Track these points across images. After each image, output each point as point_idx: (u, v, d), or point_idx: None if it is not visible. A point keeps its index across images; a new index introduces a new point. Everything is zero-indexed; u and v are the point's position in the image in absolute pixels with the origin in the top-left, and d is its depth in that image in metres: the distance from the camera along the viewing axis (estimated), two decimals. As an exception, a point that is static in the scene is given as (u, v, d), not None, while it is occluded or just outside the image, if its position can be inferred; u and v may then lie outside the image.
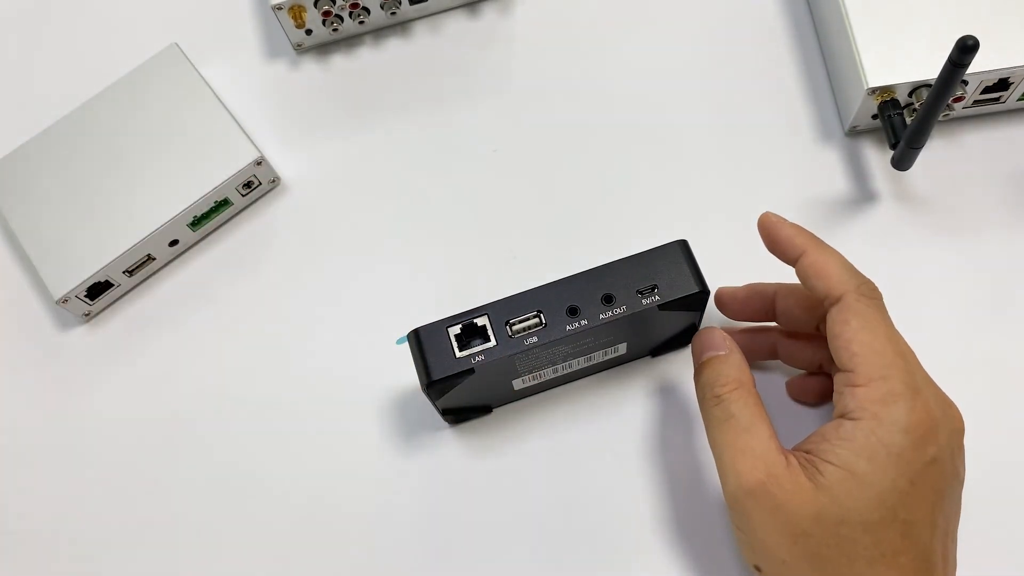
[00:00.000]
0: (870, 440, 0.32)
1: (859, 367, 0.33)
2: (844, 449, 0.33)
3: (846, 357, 0.34)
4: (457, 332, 0.37)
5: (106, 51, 0.54)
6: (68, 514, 0.45)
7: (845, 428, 0.33)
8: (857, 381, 0.33)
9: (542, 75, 0.52)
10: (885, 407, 0.32)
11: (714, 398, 0.36)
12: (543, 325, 0.37)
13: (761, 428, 0.35)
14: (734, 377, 0.36)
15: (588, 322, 0.37)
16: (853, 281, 0.35)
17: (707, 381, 0.37)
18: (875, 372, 0.33)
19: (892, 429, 0.32)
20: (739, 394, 0.36)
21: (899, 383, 0.33)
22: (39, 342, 0.48)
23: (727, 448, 0.35)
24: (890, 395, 0.32)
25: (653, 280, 0.38)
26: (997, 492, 0.41)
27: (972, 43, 0.35)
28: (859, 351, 0.33)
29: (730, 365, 0.37)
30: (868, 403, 0.33)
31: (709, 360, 0.38)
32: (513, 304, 0.38)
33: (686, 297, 0.38)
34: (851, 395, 0.33)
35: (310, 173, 0.50)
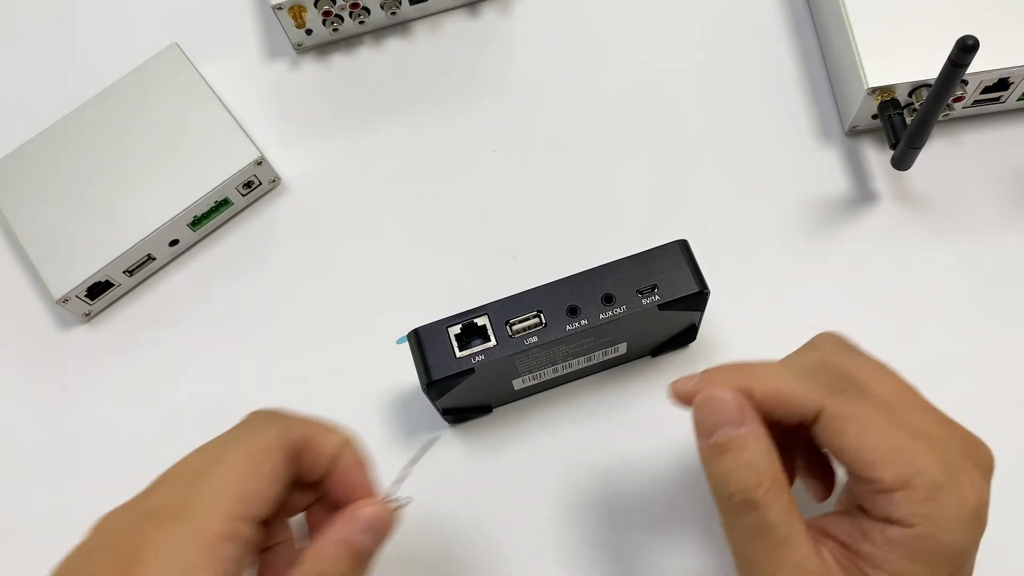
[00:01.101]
0: (928, 544, 0.28)
1: (885, 473, 0.28)
2: (898, 555, 0.28)
3: (864, 468, 0.29)
4: (457, 332, 0.38)
5: (106, 51, 0.54)
6: (67, 514, 0.45)
7: (895, 533, 0.28)
8: (890, 487, 0.28)
9: (542, 75, 0.52)
10: (935, 505, 0.28)
11: (746, 503, 0.29)
12: (543, 325, 0.37)
13: (800, 534, 0.29)
14: (766, 469, 0.29)
15: (588, 322, 0.37)
16: (818, 386, 0.30)
17: (730, 477, 0.29)
18: (905, 471, 0.28)
19: (951, 527, 0.28)
20: (776, 494, 0.29)
21: (936, 469, 0.28)
22: (39, 342, 0.48)
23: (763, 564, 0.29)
24: (935, 490, 0.28)
25: (653, 280, 0.38)
26: (998, 492, 0.41)
27: (972, 43, 0.35)
28: (875, 457, 0.28)
29: (759, 452, 0.29)
30: (915, 506, 0.28)
31: (728, 444, 0.29)
32: (513, 304, 0.38)
33: (686, 297, 0.38)
34: (890, 501, 0.28)
35: (310, 173, 0.50)
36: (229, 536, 0.26)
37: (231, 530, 0.26)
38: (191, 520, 0.26)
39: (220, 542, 0.26)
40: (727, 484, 0.29)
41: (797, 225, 0.47)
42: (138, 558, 0.25)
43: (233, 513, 0.26)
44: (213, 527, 0.26)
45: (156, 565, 0.25)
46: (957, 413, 0.43)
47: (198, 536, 0.25)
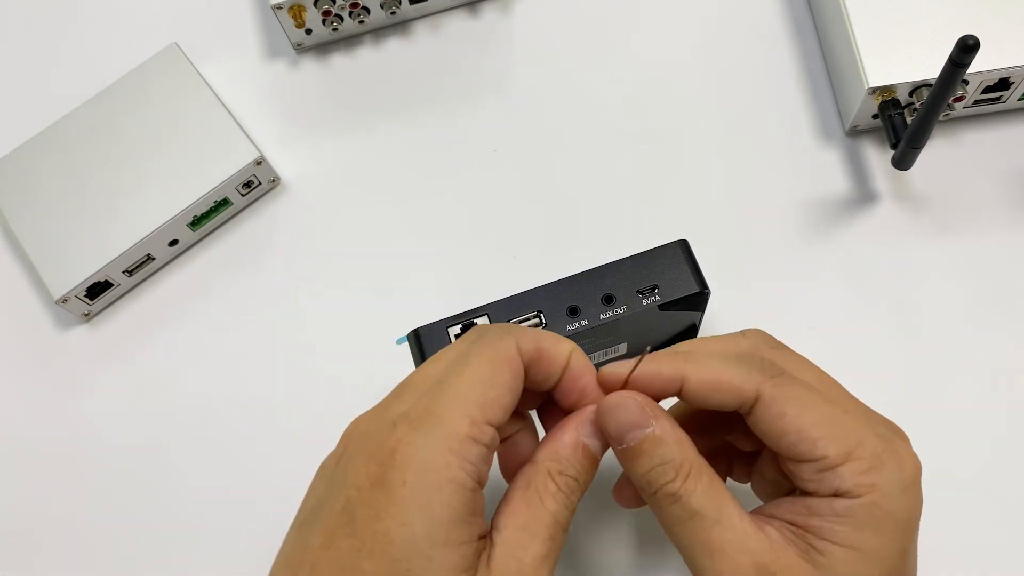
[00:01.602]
0: (875, 513, 0.28)
1: (829, 449, 0.29)
2: (846, 526, 0.28)
3: (808, 447, 0.29)
4: (457, 332, 0.37)
5: (106, 51, 0.53)
6: (67, 513, 0.45)
7: (842, 505, 0.29)
8: (834, 461, 0.29)
9: (542, 75, 0.52)
10: (879, 474, 0.29)
11: (668, 497, 0.29)
12: (543, 325, 0.37)
13: (732, 512, 0.29)
14: (681, 460, 0.29)
15: (588, 322, 0.37)
16: (755, 371, 0.30)
17: (648, 478, 0.30)
18: (848, 443, 0.29)
19: (895, 493, 0.29)
20: (695, 480, 0.29)
21: (873, 440, 0.29)
22: (39, 342, 0.48)
23: (699, 549, 0.29)
24: (876, 459, 0.29)
25: (653, 280, 0.38)
26: (997, 492, 0.41)
27: (973, 43, 0.35)
28: (818, 434, 0.29)
29: (669, 446, 0.30)
30: (859, 476, 0.28)
31: (639, 446, 0.30)
32: (513, 304, 0.38)
33: (687, 297, 0.38)
34: (836, 475, 0.29)
35: (310, 173, 0.50)
36: (474, 438, 0.28)
37: (475, 433, 0.28)
38: (440, 424, 0.28)
39: (466, 443, 0.28)
40: (648, 484, 0.30)
41: (797, 225, 0.47)
42: (396, 456, 0.27)
43: (476, 417, 0.28)
44: (460, 430, 0.27)
45: (412, 463, 0.27)
46: (957, 412, 0.43)
47: (447, 439, 0.27)
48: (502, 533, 0.29)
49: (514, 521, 0.29)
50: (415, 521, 0.26)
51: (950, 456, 0.42)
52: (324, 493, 0.29)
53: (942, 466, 0.41)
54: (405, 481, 0.27)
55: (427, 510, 0.27)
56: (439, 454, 0.27)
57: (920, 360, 0.44)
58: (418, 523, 0.26)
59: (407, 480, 0.27)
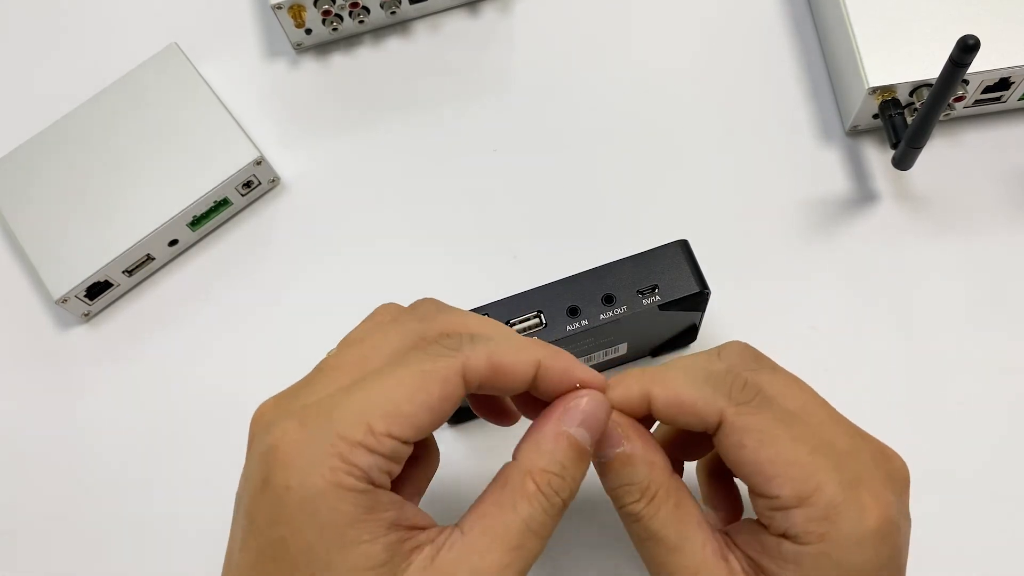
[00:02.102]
0: (822, 563, 0.27)
1: (782, 489, 0.28)
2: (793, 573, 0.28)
3: (762, 483, 0.28)
4: None
5: (106, 51, 0.53)
6: (67, 513, 0.45)
7: (789, 550, 0.28)
8: (787, 503, 0.28)
9: (542, 75, 0.52)
10: (831, 524, 0.27)
11: (629, 516, 0.30)
12: (543, 325, 0.37)
13: (693, 540, 0.29)
14: (647, 483, 0.29)
15: (588, 322, 0.37)
16: (720, 394, 0.29)
17: (616, 493, 0.30)
18: (803, 488, 0.27)
19: (848, 546, 0.27)
20: (657, 505, 0.29)
21: (834, 486, 0.27)
22: (39, 342, 0.48)
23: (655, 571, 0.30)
24: (831, 508, 0.27)
25: (654, 280, 0.38)
26: (997, 492, 0.41)
27: (973, 42, 0.35)
28: (774, 472, 0.28)
29: (637, 468, 0.29)
30: (810, 524, 0.27)
31: (608, 464, 0.30)
32: (513, 304, 0.38)
33: (687, 297, 0.38)
34: (786, 518, 0.28)
35: (309, 173, 0.50)
36: (367, 447, 0.26)
37: (370, 442, 0.26)
38: (330, 426, 0.26)
39: (356, 450, 0.26)
40: (615, 499, 0.30)
41: (798, 225, 0.47)
42: (278, 455, 0.26)
43: (377, 428, 0.26)
44: (352, 436, 0.26)
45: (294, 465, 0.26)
46: (957, 412, 0.43)
47: (334, 443, 0.26)
48: (465, 535, 0.27)
49: (479, 523, 0.27)
50: (305, 528, 0.25)
51: (950, 456, 0.42)
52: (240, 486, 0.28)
53: (941, 466, 0.41)
54: (289, 486, 0.26)
55: (314, 516, 0.25)
56: (322, 458, 0.25)
57: (920, 360, 0.44)
58: (308, 530, 0.25)
59: (291, 485, 0.25)
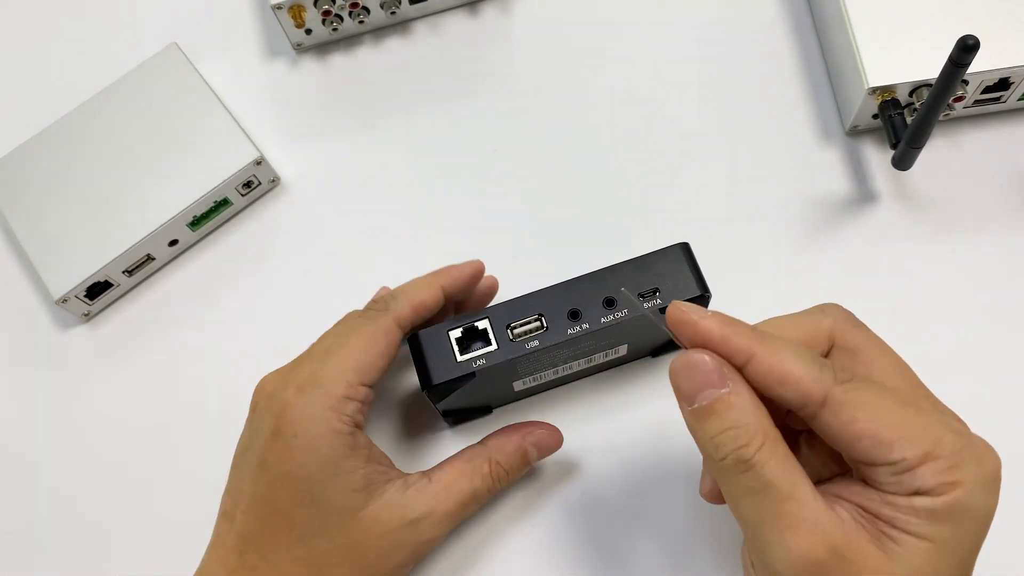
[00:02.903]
0: (955, 509, 0.28)
1: (907, 451, 0.28)
2: (924, 520, 0.28)
3: (884, 451, 0.28)
4: (458, 335, 0.37)
5: (106, 51, 0.53)
6: (66, 514, 0.45)
7: (921, 504, 0.28)
8: (913, 463, 0.28)
9: (542, 75, 0.52)
10: (960, 471, 0.28)
11: (739, 464, 0.28)
12: (544, 328, 0.37)
13: (805, 488, 0.28)
14: (756, 427, 0.28)
15: (589, 325, 0.37)
16: (827, 374, 0.29)
17: (719, 440, 0.28)
18: (925, 444, 0.28)
19: (977, 489, 0.28)
20: (769, 451, 0.28)
21: (952, 437, 0.28)
22: (39, 342, 0.48)
23: (768, 524, 0.28)
24: (956, 457, 0.28)
25: (655, 283, 0.38)
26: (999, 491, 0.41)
27: (972, 43, 0.35)
28: (893, 437, 0.28)
29: (745, 410, 0.28)
30: (940, 476, 0.28)
31: (712, 406, 0.29)
32: (513, 307, 0.38)
33: (687, 300, 0.38)
34: (915, 477, 0.28)
35: (310, 173, 0.50)
36: (349, 396, 0.36)
37: (350, 392, 0.36)
38: (321, 388, 0.36)
39: (342, 401, 0.36)
40: (717, 448, 0.29)
41: (798, 225, 0.47)
42: (287, 414, 0.36)
43: (352, 380, 0.36)
44: (337, 391, 0.36)
45: (300, 419, 0.35)
46: (959, 414, 0.43)
47: (326, 398, 0.36)
48: (431, 483, 0.37)
49: (445, 478, 0.38)
50: (309, 462, 0.35)
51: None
52: (247, 440, 0.38)
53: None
54: (296, 434, 0.35)
55: (316, 453, 0.35)
56: (319, 411, 0.35)
57: (919, 360, 0.44)
58: (311, 463, 0.35)
59: (297, 433, 0.35)
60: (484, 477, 0.38)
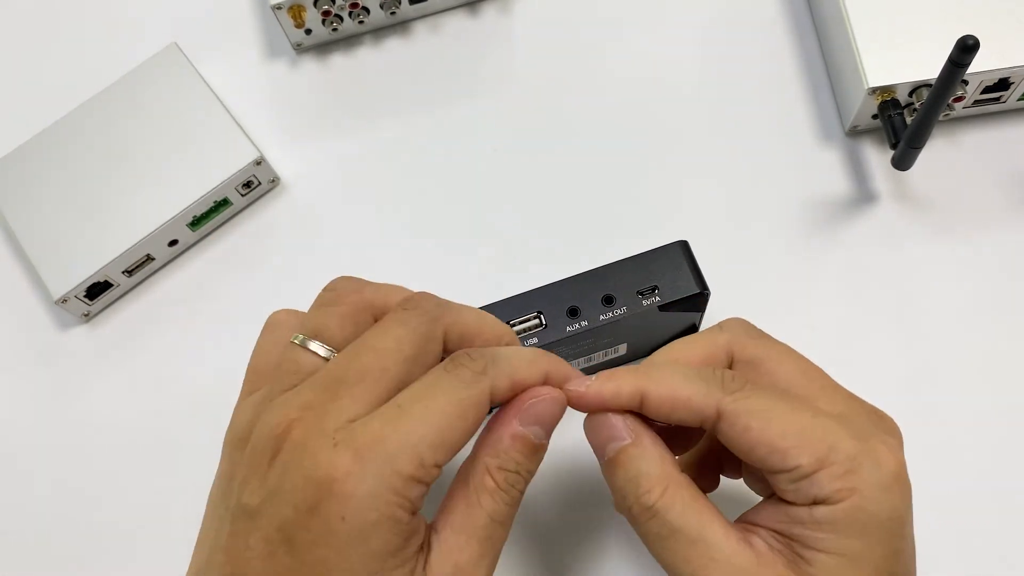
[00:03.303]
0: (857, 517, 0.28)
1: (801, 458, 0.28)
2: (829, 533, 0.28)
3: (778, 459, 0.28)
4: None
5: (106, 51, 0.53)
6: (66, 514, 0.45)
7: (823, 512, 0.28)
8: (808, 470, 0.28)
9: (542, 74, 0.52)
10: (856, 476, 0.28)
11: (644, 512, 0.29)
12: (543, 326, 0.37)
13: (715, 528, 0.28)
14: (658, 474, 0.29)
15: (588, 323, 0.37)
16: (714, 387, 0.29)
17: (624, 489, 0.29)
18: (819, 450, 0.28)
19: (875, 494, 0.28)
20: (672, 496, 0.29)
21: (847, 441, 0.28)
22: (38, 342, 0.48)
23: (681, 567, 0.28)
24: (851, 462, 0.28)
25: (653, 281, 0.38)
26: (997, 492, 0.41)
27: (972, 43, 0.35)
28: (787, 445, 0.28)
29: (646, 459, 0.29)
30: (835, 482, 0.28)
31: (616, 458, 0.30)
32: (513, 305, 0.38)
33: (686, 298, 0.38)
34: (812, 484, 0.28)
35: (309, 173, 0.50)
36: (418, 479, 0.27)
37: (421, 474, 0.27)
38: (388, 463, 0.26)
39: (409, 484, 0.27)
40: (623, 497, 0.30)
41: (797, 225, 0.47)
42: (335, 488, 0.26)
43: (427, 459, 0.27)
44: (406, 471, 0.27)
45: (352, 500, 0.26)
46: (957, 413, 0.43)
47: (391, 478, 0.26)
48: (439, 535, 0.29)
49: (451, 521, 0.29)
50: (352, 555, 0.26)
51: (949, 456, 0.42)
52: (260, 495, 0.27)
53: (941, 466, 0.41)
54: (344, 517, 0.26)
55: (364, 545, 0.26)
56: (381, 493, 0.26)
57: (920, 360, 0.44)
58: (355, 556, 0.26)
59: (346, 516, 0.26)
60: (492, 493, 0.29)
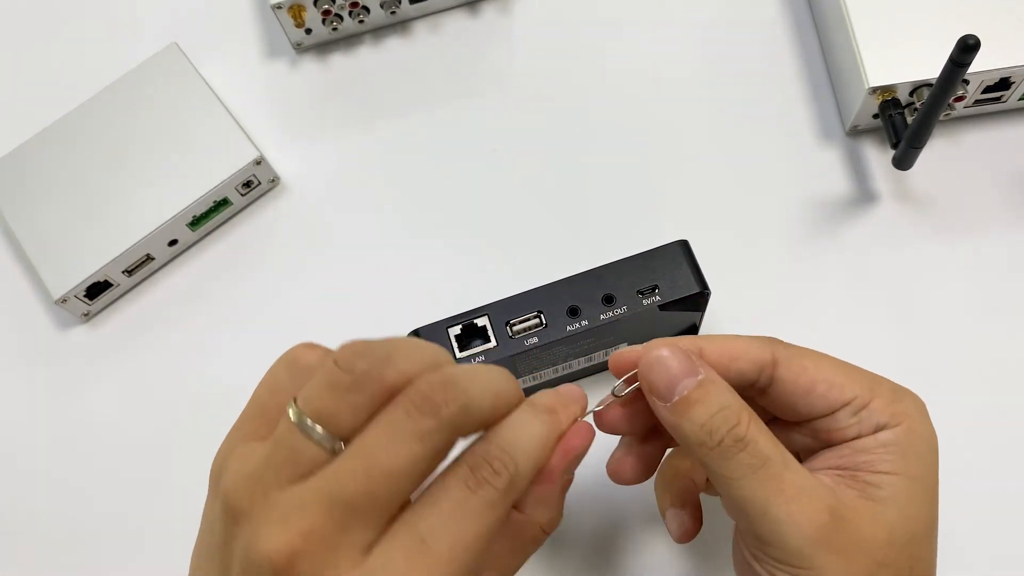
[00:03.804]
0: (912, 439, 0.30)
1: (855, 389, 0.30)
2: (894, 454, 0.29)
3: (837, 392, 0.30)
4: (457, 332, 0.37)
5: (106, 51, 0.53)
6: (66, 514, 0.45)
7: (886, 436, 0.30)
8: (864, 400, 0.30)
9: (542, 74, 0.52)
10: (903, 404, 0.30)
11: (737, 444, 0.28)
12: (544, 326, 0.37)
13: (791, 457, 0.29)
14: (739, 405, 0.29)
15: (588, 323, 0.37)
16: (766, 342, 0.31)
17: (711, 425, 0.28)
18: (868, 384, 0.31)
19: (920, 419, 0.30)
20: (757, 426, 0.29)
21: (883, 381, 0.31)
22: (38, 342, 0.48)
23: (775, 499, 0.28)
24: (895, 394, 0.31)
25: (654, 280, 0.38)
26: (997, 492, 0.41)
27: (973, 42, 0.35)
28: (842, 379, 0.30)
29: (726, 391, 0.29)
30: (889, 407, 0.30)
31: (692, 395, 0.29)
32: (513, 304, 0.38)
33: (687, 298, 0.38)
34: (871, 412, 0.30)
35: (309, 172, 0.50)
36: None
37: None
38: None
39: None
40: (711, 434, 0.28)
41: (798, 225, 0.47)
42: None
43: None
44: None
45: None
46: (957, 413, 0.43)
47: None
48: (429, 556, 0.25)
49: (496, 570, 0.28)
50: None
51: (949, 455, 0.41)
52: None
53: (941, 465, 0.41)
54: None
55: None
56: None
57: (920, 360, 0.44)
58: None
59: None
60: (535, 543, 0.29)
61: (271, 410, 0.29)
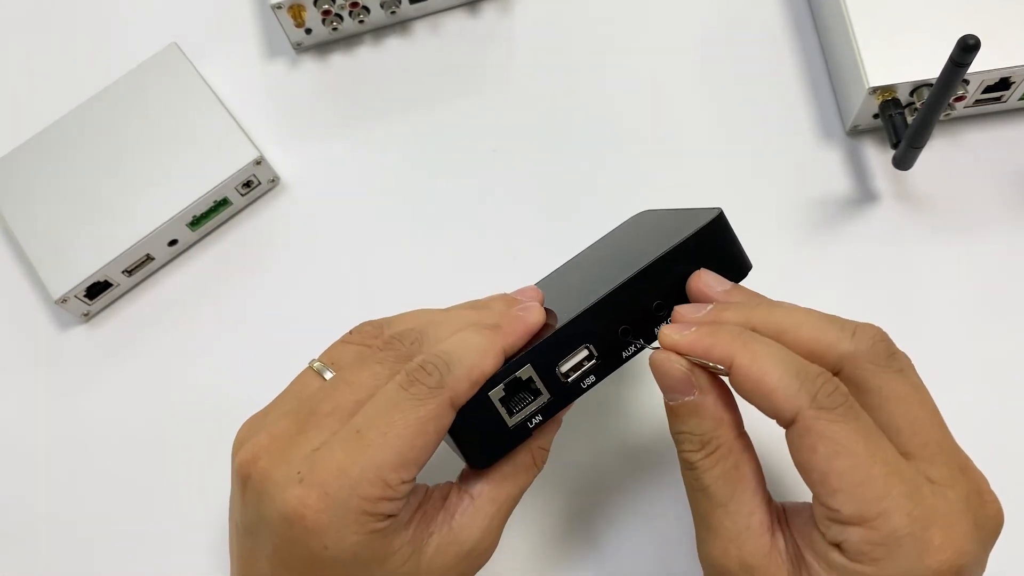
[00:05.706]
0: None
1: (844, 506, 0.27)
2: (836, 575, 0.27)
3: (825, 493, 0.27)
4: (501, 395, 0.31)
5: (106, 51, 0.53)
6: (66, 514, 0.45)
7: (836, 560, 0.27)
8: (846, 520, 0.27)
9: (542, 74, 0.52)
10: (888, 552, 0.26)
11: (684, 463, 0.30)
12: (596, 359, 0.32)
13: (742, 503, 0.29)
14: (710, 436, 0.29)
15: (644, 340, 0.33)
16: (804, 392, 0.28)
17: (678, 437, 0.30)
18: (868, 509, 0.26)
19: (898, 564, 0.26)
20: (713, 461, 0.29)
21: (902, 517, 0.26)
22: (38, 342, 0.48)
23: (699, 521, 0.30)
24: (892, 537, 0.26)
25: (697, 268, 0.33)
26: (997, 492, 0.41)
27: (973, 42, 0.35)
28: (839, 487, 0.27)
29: (701, 419, 0.29)
30: (864, 546, 0.26)
31: (676, 408, 0.30)
32: (554, 344, 0.32)
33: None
34: (841, 531, 0.27)
35: (309, 172, 0.50)
36: (388, 498, 0.28)
37: (389, 493, 0.28)
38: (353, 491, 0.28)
39: (380, 503, 0.28)
40: (677, 442, 0.31)
41: (798, 225, 0.47)
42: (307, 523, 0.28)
43: (392, 479, 0.28)
44: (373, 493, 0.28)
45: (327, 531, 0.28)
46: (957, 415, 0.43)
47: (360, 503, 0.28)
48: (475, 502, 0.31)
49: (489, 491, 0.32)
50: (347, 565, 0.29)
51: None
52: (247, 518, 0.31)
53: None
54: (326, 546, 0.28)
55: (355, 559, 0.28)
56: (352, 519, 0.28)
57: (920, 360, 0.44)
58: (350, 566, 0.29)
59: (327, 545, 0.28)
60: (529, 470, 0.32)
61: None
